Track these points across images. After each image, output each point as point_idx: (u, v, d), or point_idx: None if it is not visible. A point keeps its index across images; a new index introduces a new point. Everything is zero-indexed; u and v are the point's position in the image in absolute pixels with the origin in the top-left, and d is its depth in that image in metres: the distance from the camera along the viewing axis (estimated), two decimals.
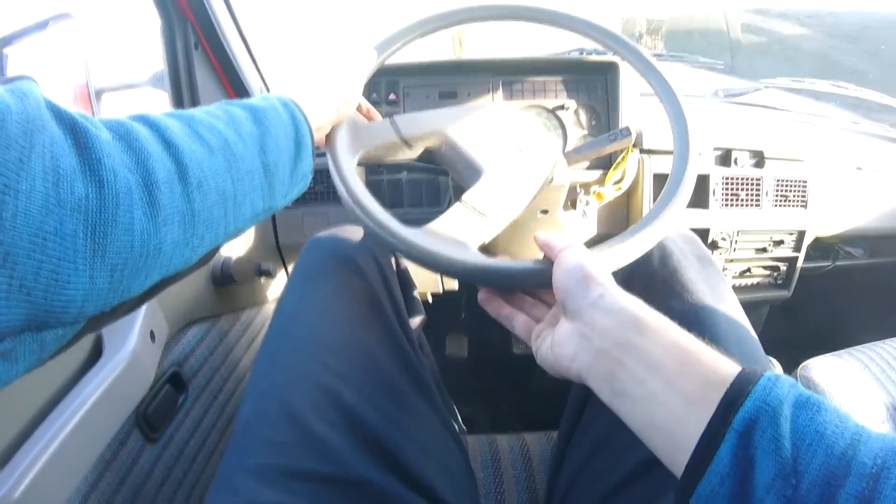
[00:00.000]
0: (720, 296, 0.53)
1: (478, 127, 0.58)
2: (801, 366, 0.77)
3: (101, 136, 0.29)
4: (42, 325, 0.26)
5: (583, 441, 0.53)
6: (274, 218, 0.94)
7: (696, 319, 0.49)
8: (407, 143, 0.57)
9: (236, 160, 0.38)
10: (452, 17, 0.63)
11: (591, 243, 0.52)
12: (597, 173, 0.83)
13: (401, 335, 0.57)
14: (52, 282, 0.25)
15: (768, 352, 0.57)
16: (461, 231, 0.50)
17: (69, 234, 0.26)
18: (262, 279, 0.98)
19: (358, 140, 0.55)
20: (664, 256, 0.55)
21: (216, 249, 0.40)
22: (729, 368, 0.30)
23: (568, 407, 0.59)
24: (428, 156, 0.59)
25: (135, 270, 0.30)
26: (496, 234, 0.52)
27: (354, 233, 0.63)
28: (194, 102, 0.83)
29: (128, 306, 0.33)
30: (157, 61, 0.86)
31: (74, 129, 0.28)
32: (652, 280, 0.55)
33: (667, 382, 0.31)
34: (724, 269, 0.93)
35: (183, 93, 0.83)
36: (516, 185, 0.55)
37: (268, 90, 0.95)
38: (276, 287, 1.10)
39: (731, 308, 0.52)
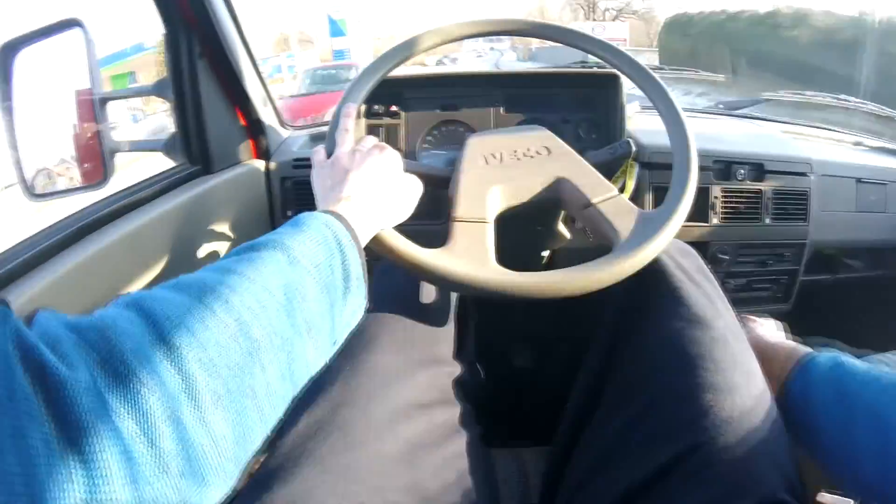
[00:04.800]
0: (717, 311, 0.53)
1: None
2: None
3: (77, 381, 0.23)
4: None
5: (583, 458, 0.53)
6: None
7: (693, 336, 0.49)
8: None
9: (265, 333, 0.31)
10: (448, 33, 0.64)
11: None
12: None
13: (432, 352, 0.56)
14: None
15: None
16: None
17: None
18: None
19: None
20: (662, 273, 0.55)
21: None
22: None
23: (564, 422, 0.59)
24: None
25: None
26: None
27: None
28: (197, 111, 0.84)
29: None
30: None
31: (43, 378, 0.22)
32: (651, 298, 0.55)
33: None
34: (723, 283, 0.93)
35: (186, 101, 0.84)
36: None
37: (271, 101, 0.96)
38: None
39: (728, 323, 0.52)
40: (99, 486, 0.21)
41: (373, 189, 0.48)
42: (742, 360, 0.48)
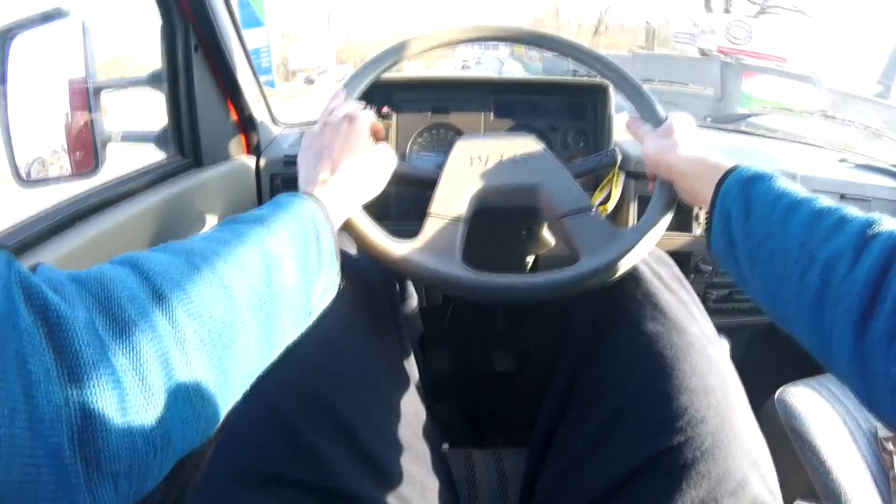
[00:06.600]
0: (693, 317, 0.54)
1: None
2: (779, 390, 0.78)
3: (77, 318, 0.25)
4: None
5: (558, 459, 0.54)
6: None
7: (668, 340, 0.50)
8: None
9: (246, 295, 0.33)
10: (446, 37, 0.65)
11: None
12: None
13: (398, 347, 0.58)
14: None
15: (749, 375, 0.58)
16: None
17: (53, 449, 0.22)
18: None
19: None
20: (638, 280, 0.57)
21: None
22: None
23: (539, 424, 0.60)
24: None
25: (143, 469, 0.26)
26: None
27: None
28: (190, 104, 0.84)
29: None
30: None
31: (45, 314, 0.24)
32: (627, 303, 0.56)
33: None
34: (705, 294, 0.94)
35: (180, 94, 0.84)
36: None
37: (263, 96, 0.96)
38: None
39: (703, 329, 0.53)
40: (91, 410, 0.23)
41: (344, 168, 0.50)
42: (717, 363, 0.49)
